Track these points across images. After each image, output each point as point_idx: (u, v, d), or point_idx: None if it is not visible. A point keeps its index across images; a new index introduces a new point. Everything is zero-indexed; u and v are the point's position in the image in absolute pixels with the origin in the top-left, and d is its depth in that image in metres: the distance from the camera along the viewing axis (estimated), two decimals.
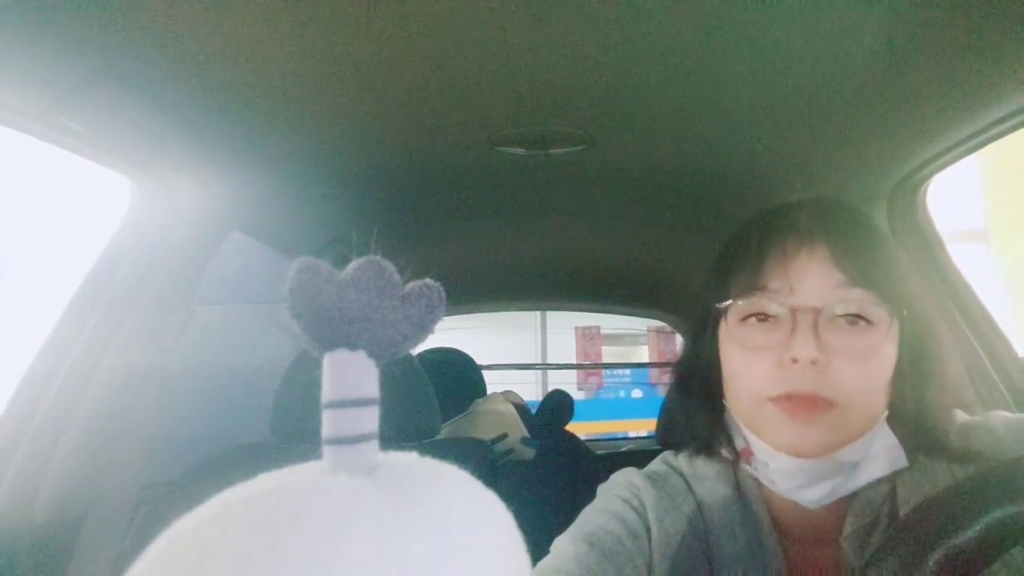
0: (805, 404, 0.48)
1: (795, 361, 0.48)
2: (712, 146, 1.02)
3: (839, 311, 0.49)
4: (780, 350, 0.49)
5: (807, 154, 1.01)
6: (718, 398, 0.57)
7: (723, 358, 0.55)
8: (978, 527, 0.34)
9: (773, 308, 0.51)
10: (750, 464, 0.54)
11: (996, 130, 0.82)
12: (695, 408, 0.59)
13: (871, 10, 0.65)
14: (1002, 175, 4.81)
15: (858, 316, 0.49)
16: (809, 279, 0.50)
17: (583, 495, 0.62)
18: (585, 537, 0.53)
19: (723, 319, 0.55)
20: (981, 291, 1.05)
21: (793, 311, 0.49)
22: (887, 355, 0.50)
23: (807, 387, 0.48)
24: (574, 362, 6.88)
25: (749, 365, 0.52)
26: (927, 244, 1.05)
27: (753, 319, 0.52)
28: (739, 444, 0.56)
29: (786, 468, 0.50)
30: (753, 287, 0.52)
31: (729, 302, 0.53)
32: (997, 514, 0.34)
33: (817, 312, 0.49)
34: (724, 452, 0.58)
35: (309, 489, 0.18)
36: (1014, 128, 0.81)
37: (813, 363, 0.48)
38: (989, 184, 4.98)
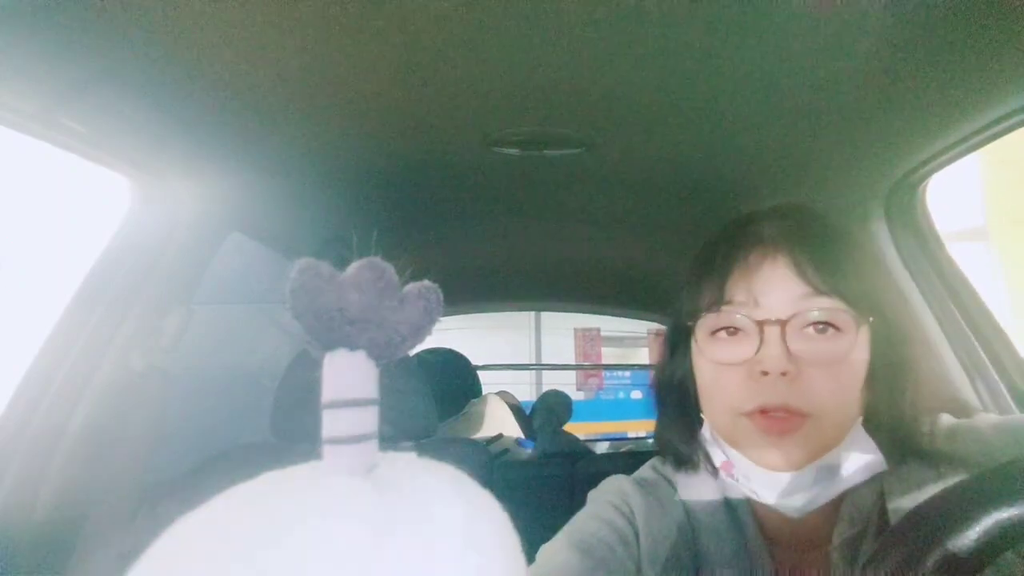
0: (779, 420, 0.48)
1: (765, 374, 0.48)
2: (710, 148, 1.02)
3: (806, 320, 0.49)
4: (750, 363, 0.50)
5: (805, 155, 1.01)
6: (695, 413, 0.57)
7: (696, 373, 0.55)
8: (975, 529, 0.34)
9: (740, 322, 0.51)
10: (732, 477, 0.54)
11: (996, 129, 0.82)
12: (672, 423, 0.59)
13: (870, 11, 0.65)
14: (1003, 173, 4.79)
15: (826, 324, 0.49)
16: (773, 291, 0.51)
17: (580, 495, 0.62)
18: (576, 544, 0.53)
19: (694, 334, 0.55)
20: (982, 290, 1.05)
21: (759, 324, 0.49)
22: (858, 361, 0.50)
23: (779, 399, 0.48)
24: (572, 363, 6.87)
25: (721, 380, 0.52)
26: (926, 243, 1.05)
27: (723, 333, 0.52)
28: (718, 458, 0.55)
29: (767, 481, 0.50)
30: (719, 301, 0.52)
31: (698, 317, 0.53)
32: (993, 517, 0.34)
33: (783, 324, 0.49)
34: (704, 466, 0.58)
35: (309, 488, 0.18)
36: (1014, 127, 0.81)
37: (783, 375, 0.48)
38: (990, 182, 4.97)
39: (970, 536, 0.34)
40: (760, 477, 0.50)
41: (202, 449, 1.14)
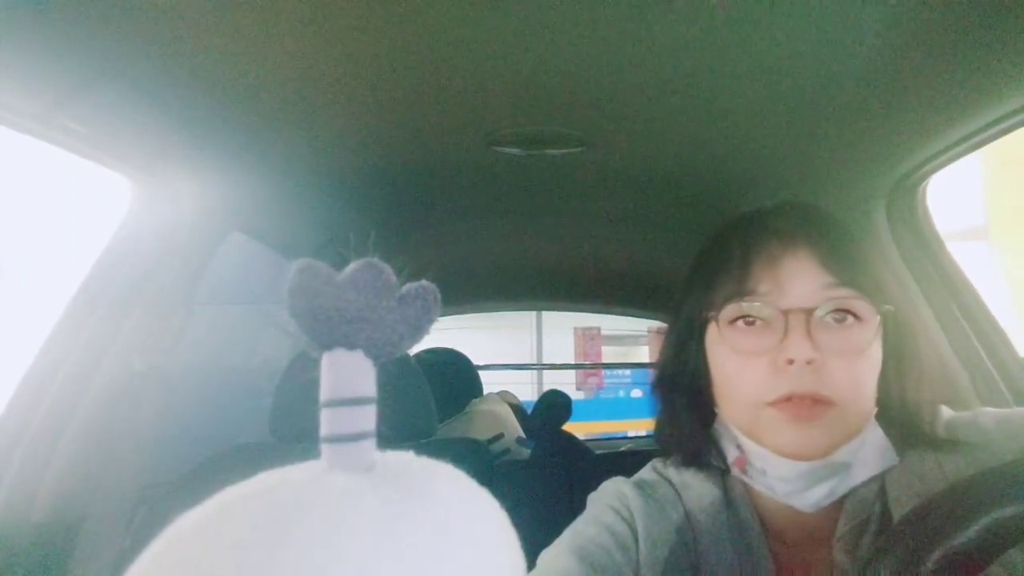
0: (806, 404, 0.48)
1: (791, 362, 0.48)
2: (710, 147, 1.02)
3: (828, 310, 0.50)
4: (774, 353, 0.50)
5: (806, 154, 1.01)
6: (708, 407, 0.56)
7: (713, 366, 0.55)
8: (977, 528, 0.34)
9: (764, 311, 0.51)
10: (745, 473, 0.54)
11: (996, 129, 0.82)
12: (683, 419, 0.58)
13: (871, 10, 0.65)
14: (1004, 172, 4.79)
15: (847, 313, 0.50)
16: (797, 280, 0.51)
17: (580, 495, 0.61)
18: (575, 551, 0.53)
19: (710, 326, 0.54)
20: (983, 289, 1.05)
21: (785, 313, 0.50)
22: (875, 352, 0.51)
23: (806, 387, 0.48)
24: (573, 363, 6.88)
25: (743, 370, 0.52)
26: (927, 243, 1.05)
27: (740, 323, 0.52)
28: (731, 454, 0.55)
29: (786, 473, 0.50)
30: (741, 292, 0.52)
31: (718, 308, 0.53)
32: (996, 515, 0.34)
33: (809, 313, 0.49)
34: (714, 462, 0.57)
35: (308, 486, 0.18)
36: (1014, 127, 0.81)
37: (809, 363, 0.48)
38: (991, 181, 4.96)
39: (970, 534, 0.34)
40: (778, 469, 0.50)
41: (202, 449, 1.15)
